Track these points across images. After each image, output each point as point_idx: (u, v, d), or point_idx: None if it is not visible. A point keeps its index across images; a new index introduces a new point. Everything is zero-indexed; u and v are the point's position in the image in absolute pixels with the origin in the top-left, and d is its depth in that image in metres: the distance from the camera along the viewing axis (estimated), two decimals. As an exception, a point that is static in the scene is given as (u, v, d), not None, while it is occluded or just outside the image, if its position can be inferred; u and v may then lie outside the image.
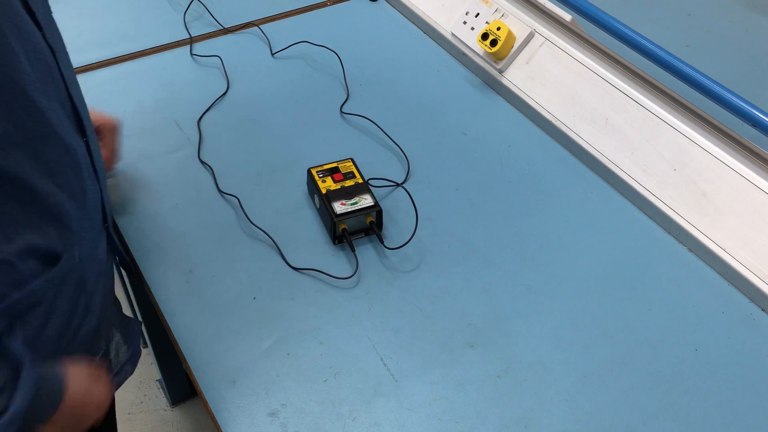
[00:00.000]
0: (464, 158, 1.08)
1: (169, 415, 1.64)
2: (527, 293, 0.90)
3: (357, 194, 0.94)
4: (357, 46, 1.27)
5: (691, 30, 1.33)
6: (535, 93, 1.14)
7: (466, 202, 1.01)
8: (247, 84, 1.19)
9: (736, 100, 0.92)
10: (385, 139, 1.10)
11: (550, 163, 1.08)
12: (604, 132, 1.06)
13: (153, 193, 1.00)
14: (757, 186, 0.92)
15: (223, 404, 0.77)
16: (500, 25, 1.15)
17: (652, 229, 0.99)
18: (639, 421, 0.78)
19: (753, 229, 0.91)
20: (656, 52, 0.98)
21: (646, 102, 1.03)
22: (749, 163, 0.93)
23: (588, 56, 1.10)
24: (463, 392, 0.79)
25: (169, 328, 0.84)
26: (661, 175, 0.99)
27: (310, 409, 0.77)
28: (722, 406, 0.80)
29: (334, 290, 0.89)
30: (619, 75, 1.06)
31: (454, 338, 0.84)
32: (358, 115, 1.14)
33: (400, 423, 0.76)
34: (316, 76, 1.22)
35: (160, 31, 1.28)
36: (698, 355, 0.84)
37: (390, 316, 0.86)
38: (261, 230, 0.94)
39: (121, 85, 1.17)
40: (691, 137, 0.98)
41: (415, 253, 0.93)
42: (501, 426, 0.77)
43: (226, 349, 0.82)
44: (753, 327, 0.88)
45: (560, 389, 0.80)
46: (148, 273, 0.90)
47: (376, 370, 0.81)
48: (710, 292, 0.92)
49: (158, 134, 1.09)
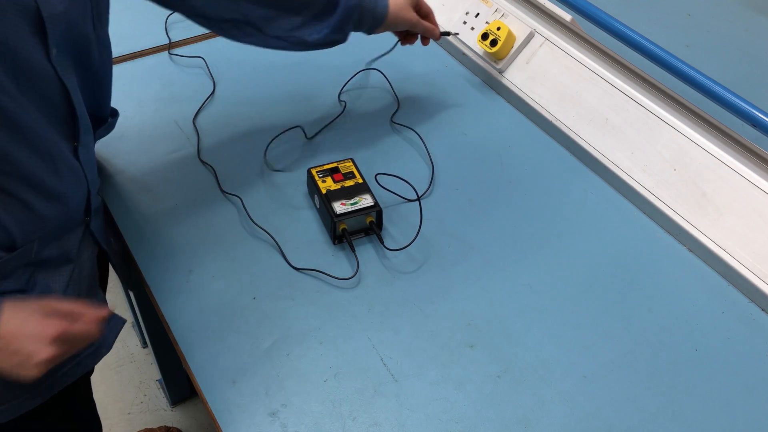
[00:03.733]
0: (464, 158, 1.08)
1: (169, 415, 1.64)
2: (527, 293, 0.90)
3: (357, 194, 0.94)
4: (357, 46, 1.27)
5: (691, 30, 1.33)
6: (535, 93, 1.14)
7: (466, 202, 1.01)
8: (247, 84, 1.19)
9: (736, 100, 0.92)
10: (385, 139, 1.10)
11: (550, 163, 1.08)
12: (604, 132, 1.06)
13: (153, 193, 1.00)
14: (757, 186, 0.92)
15: (223, 404, 0.77)
16: (500, 25, 1.15)
17: (652, 229, 0.99)
18: (639, 421, 0.78)
19: (753, 229, 0.91)
20: (656, 52, 0.98)
21: (646, 102, 1.03)
22: (749, 163, 0.93)
23: (588, 56, 1.10)
24: (463, 392, 0.79)
25: (169, 328, 0.84)
26: (660, 175, 0.99)
27: (310, 409, 0.77)
28: (722, 406, 0.80)
29: (334, 290, 0.89)
30: (619, 75, 1.06)
31: (454, 338, 0.84)
32: (357, 115, 1.14)
33: (400, 423, 0.76)
34: (317, 75, 1.22)
35: (161, 30, 1.28)
36: (698, 355, 0.84)
37: (390, 316, 0.86)
38: (263, 230, 0.94)
39: (121, 85, 1.17)
40: (691, 137, 0.98)
41: (415, 253, 0.93)
42: (501, 426, 0.77)
43: (226, 349, 0.82)
44: (753, 327, 0.88)
45: (560, 389, 0.80)
46: (148, 273, 0.90)
47: (376, 370, 0.81)
48: (710, 292, 0.92)
49: (158, 134, 1.09)
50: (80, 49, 0.74)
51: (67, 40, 0.70)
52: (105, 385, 1.68)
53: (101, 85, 0.85)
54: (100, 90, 0.85)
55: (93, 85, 0.82)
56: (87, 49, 0.76)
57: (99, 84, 0.84)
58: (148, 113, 1.12)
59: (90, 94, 0.81)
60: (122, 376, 1.71)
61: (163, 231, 0.95)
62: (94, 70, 0.79)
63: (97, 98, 0.85)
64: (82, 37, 0.74)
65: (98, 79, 0.83)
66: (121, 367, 1.73)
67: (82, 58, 0.75)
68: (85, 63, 0.76)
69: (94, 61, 0.78)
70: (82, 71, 0.77)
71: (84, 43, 0.74)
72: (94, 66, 0.79)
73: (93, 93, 0.83)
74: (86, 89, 0.79)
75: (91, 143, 0.83)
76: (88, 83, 0.79)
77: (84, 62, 0.76)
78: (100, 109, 0.88)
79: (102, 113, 0.90)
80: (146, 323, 1.35)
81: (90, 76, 0.79)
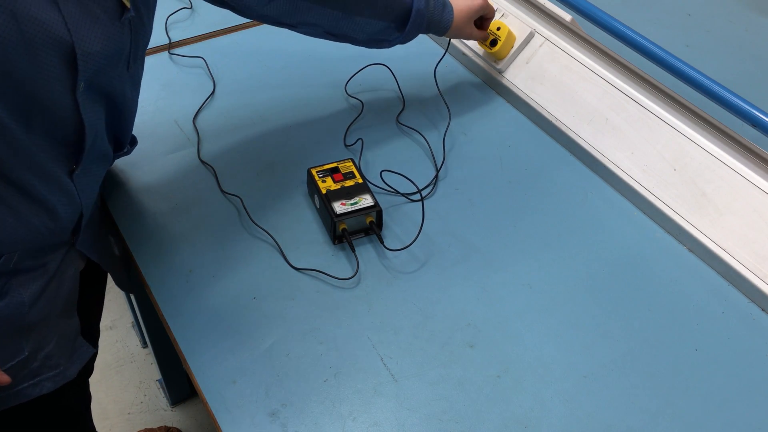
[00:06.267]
0: (464, 158, 1.08)
1: (169, 415, 1.64)
2: (527, 293, 0.90)
3: (357, 194, 0.94)
4: (356, 47, 1.27)
5: (691, 30, 1.33)
6: (535, 93, 1.14)
7: (466, 202, 1.01)
8: (247, 83, 1.19)
9: (736, 100, 0.92)
10: (384, 140, 1.10)
11: (550, 163, 1.08)
12: (604, 132, 1.06)
13: (153, 193, 1.00)
14: (757, 186, 0.92)
15: (223, 404, 0.77)
16: (500, 25, 1.15)
17: (652, 229, 0.99)
18: (639, 421, 0.78)
19: (753, 229, 0.91)
20: (656, 52, 0.98)
21: (646, 102, 1.03)
22: (749, 163, 0.93)
23: (588, 56, 1.10)
24: (463, 392, 0.79)
25: (169, 328, 0.84)
26: (660, 175, 0.99)
27: (310, 409, 0.77)
28: (722, 406, 0.80)
29: (334, 290, 0.89)
30: (619, 75, 1.06)
31: (454, 338, 0.84)
32: (358, 115, 1.14)
33: (400, 423, 0.76)
34: (317, 75, 1.22)
35: (161, 30, 1.28)
36: (698, 355, 0.84)
37: (390, 316, 0.86)
38: (263, 230, 0.94)
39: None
40: (691, 137, 0.98)
41: (416, 253, 0.93)
42: (501, 426, 0.77)
43: (226, 349, 0.82)
44: (753, 327, 0.88)
45: (560, 389, 0.80)
46: (148, 273, 0.90)
47: (376, 370, 0.81)
48: (710, 292, 0.92)
49: (158, 134, 1.09)
50: (110, 87, 0.73)
51: (97, 77, 0.69)
52: (105, 385, 1.68)
53: (125, 118, 0.84)
54: (123, 122, 0.84)
55: (117, 118, 0.81)
56: (117, 88, 0.75)
57: (123, 118, 0.83)
58: (148, 113, 1.12)
59: (111, 125, 0.80)
60: (122, 376, 1.71)
61: (163, 231, 0.95)
62: (120, 108, 0.78)
63: (119, 129, 0.84)
64: (115, 77, 0.72)
65: (123, 114, 0.81)
66: (121, 367, 1.73)
67: (110, 95, 0.74)
68: (113, 100, 0.76)
69: (122, 99, 0.77)
70: (109, 107, 0.76)
71: (115, 83, 0.73)
72: (121, 105, 0.78)
73: (116, 125, 0.82)
74: (108, 121, 0.78)
75: (97, 171, 0.81)
76: (111, 116, 0.78)
77: (111, 99, 0.75)
78: (118, 139, 0.87)
79: (121, 142, 0.89)
80: (146, 323, 1.35)
81: (116, 111, 0.78)
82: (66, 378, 0.85)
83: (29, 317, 0.78)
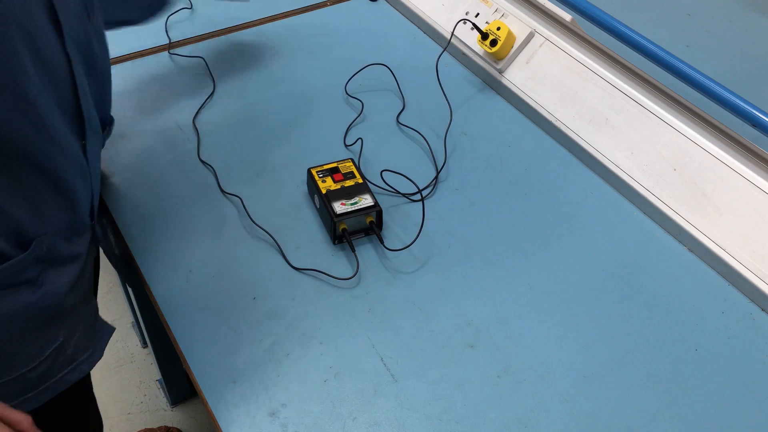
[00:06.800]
0: (464, 158, 1.08)
1: (169, 415, 1.64)
2: (527, 293, 0.90)
3: (357, 194, 0.94)
4: (356, 47, 1.27)
5: (691, 30, 1.33)
6: (535, 93, 1.14)
7: (466, 202, 1.01)
8: (247, 83, 1.19)
9: (736, 100, 0.92)
10: (384, 140, 1.10)
11: (550, 163, 1.08)
12: (603, 132, 1.06)
13: (153, 193, 1.00)
14: (757, 186, 0.92)
15: (223, 404, 0.77)
16: (500, 25, 1.15)
17: (652, 229, 0.99)
18: (639, 421, 0.78)
19: (753, 229, 0.91)
20: (656, 52, 0.98)
21: (646, 102, 1.03)
22: (749, 163, 0.94)
23: (588, 56, 1.10)
24: (463, 392, 0.79)
25: (169, 328, 0.84)
26: (660, 175, 0.99)
27: (310, 409, 0.77)
28: (722, 406, 0.80)
29: (334, 290, 0.89)
30: (619, 75, 1.06)
31: (454, 338, 0.84)
32: (358, 115, 1.14)
33: (400, 423, 0.76)
34: (317, 75, 1.22)
35: (161, 30, 1.28)
36: (698, 355, 0.84)
37: (390, 316, 0.86)
38: (263, 230, 0.94)
39: (121, 84, 1.17)
40: (691, 137, 0.98)
41: (416, 253, 0.93)
42: (501, 426, 0.77)
43: (226, 349, 0.82)
44: (753, 327, 0.88)
45: (560, 389, 0.80)
46: (148, 273, 0.90)
47: (376, 370, 0.81)
48: (710, 292, 0.92)
49: (158, 134, 1.09)
50: (84, 43, 0.74)
51: (74, 30, 0.70)
52: (105, 385, 1.68)
53: (103, 85, 0.85)
54: (101, 91, 0.85)
55: (96, 86, 0.82)
56: (89, 42, 0.75)
57: (101, 85, 0.84)
58: (148, 113, 1.12)
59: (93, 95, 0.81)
60: (122, 376, 1.71)
61: (163, 231, 0.95)
62: (96, 67, 0.79)
63: (99, 101, 0.85)
64: (83, 30, 0.74)
65: (100, 79, 0.82)
66: (121, 367, 1.73)
67: (86, 53, 0.75)
68: (89, 60, 0.76)
69: (96, 57, 0.78)
70: (88, 68, 0.76)
71: (85, 36, 0.74)
72: (96, 62, 0.79)
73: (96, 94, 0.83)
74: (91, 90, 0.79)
75: (97, 145, 0.82)
76: (92, 83, 0.79)
77: (88, 59, 0.76)
78: (101, 113, 0.88)
79: (103, 118, 0.90)
80: (146, 323, 1.35)
81: (93, 74, 0.79)
82: (96, 359, 0.86)
83: (64, 305, 0.79)
